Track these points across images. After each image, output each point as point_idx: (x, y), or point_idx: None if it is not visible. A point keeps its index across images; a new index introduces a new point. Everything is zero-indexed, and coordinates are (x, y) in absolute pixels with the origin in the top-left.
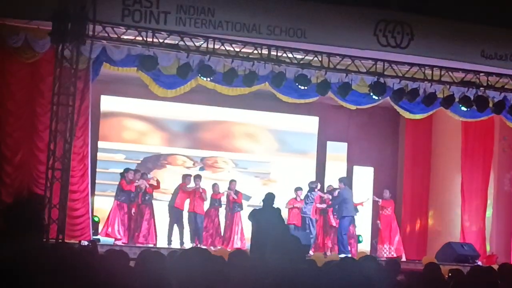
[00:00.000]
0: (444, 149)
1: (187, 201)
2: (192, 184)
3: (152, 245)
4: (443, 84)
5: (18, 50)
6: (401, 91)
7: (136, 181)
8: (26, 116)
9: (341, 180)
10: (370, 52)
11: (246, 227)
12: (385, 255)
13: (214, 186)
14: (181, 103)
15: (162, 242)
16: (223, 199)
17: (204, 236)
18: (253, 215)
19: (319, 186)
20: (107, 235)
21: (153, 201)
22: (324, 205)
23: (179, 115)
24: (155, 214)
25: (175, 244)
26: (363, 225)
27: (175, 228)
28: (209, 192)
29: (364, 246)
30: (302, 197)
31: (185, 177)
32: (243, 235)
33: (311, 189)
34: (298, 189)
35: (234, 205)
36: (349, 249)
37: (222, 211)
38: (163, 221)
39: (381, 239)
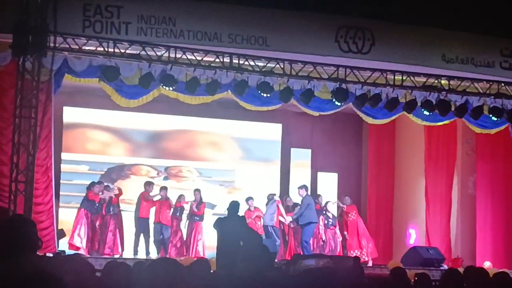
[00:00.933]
0: (408, 153)
1: (153, 210)
2: (154, 192)
3: (118, 256)
4: (405, 89)
5: None
6: (363, 96)
7: (100, 193)
8: None
9: (302, 187)
10: (332, 59)
11: (209, 236)
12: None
13: (180, 197)
14: (144, 113)
15: (128, 253)
16: (186, 206)
17: (170, 246)
18: (217, 224)
19: (276, 196)
20: (71, 245)
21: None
22: (292, 224)
23: (142, 125)
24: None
25: (141, 255)
26: None
27: (141, 238)
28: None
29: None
30: (255, 206)
31: (147, 184)
32: (204, 244)
33: (269, 200)
34: (249, 199)
35: (193, 215)
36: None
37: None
38: (128, 232)
39: (349, 246)
